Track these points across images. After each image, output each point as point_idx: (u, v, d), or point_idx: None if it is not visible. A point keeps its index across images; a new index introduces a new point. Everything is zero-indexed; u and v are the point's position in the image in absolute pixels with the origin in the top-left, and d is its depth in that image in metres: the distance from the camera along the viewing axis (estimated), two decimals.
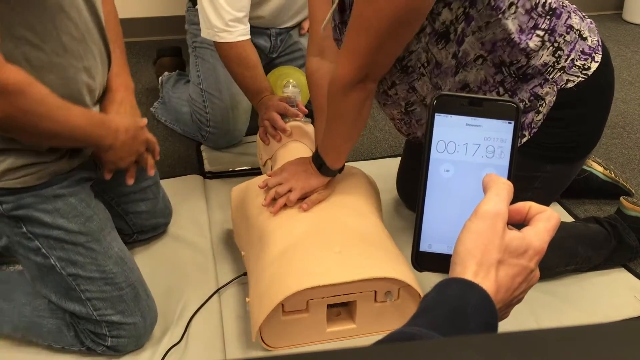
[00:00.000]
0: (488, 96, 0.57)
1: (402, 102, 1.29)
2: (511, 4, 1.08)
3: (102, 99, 1.26)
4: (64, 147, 1.16)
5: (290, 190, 1.31)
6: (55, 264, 1.16)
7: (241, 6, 1.70)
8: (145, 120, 1.29)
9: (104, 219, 1.22)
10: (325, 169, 1.30)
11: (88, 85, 1.17)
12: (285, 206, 1.32)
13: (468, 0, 1.06)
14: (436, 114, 0.58)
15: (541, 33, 1.12)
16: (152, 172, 1.32)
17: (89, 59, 1.15)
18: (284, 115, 1.61)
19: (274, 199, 1.33)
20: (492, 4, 1.06)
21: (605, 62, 1.21)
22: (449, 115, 0.58)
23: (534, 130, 1.20)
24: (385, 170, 1.82)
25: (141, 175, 1.44)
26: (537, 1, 1.10)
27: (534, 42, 1.12)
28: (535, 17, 1.11)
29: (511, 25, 1.09)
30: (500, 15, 1.08)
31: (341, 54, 1.11)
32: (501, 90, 1.19)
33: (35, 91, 1.01)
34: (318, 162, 1.30)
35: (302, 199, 1.32)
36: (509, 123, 0.58)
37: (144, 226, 1.52)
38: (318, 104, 1.32)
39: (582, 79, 1.17)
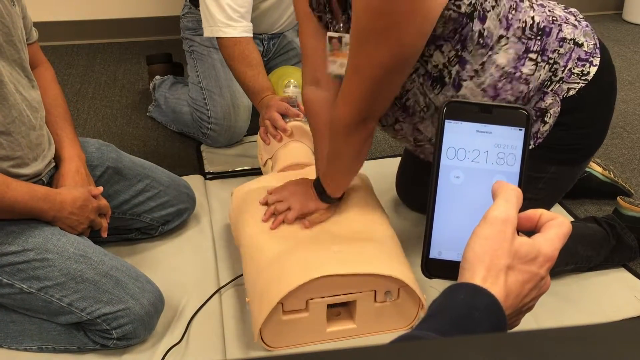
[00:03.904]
0: (498, 103, 0.57)
1: (410, 138, 1.31)
2: (500, 37, 1.09)
3: (58, 169, 1.34)
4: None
5: (288, 209, 1.33)
6: (22, 287, 1.18)
7: (243, 1, 1.71)
8: (100, 189, 1.34)
9: (49, 230, 1.22)
10: (326, 196, 1.32)
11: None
12: (283, 222, 1.33)
13: (459, 42, 1.07)
14: (446, 121, 0.58)
15: (533, 56, 1.13)
16: (104, 234, 1.36)
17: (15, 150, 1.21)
18: (285, 115, 1.61)
19: (273, 214, 1.34)
20: (482, 42, 1.08)
21: (605, 63, 1.21)
22: (459, 122, 0.58)
23: (539, 140, 1.21)
24: (385, 170, 1.82)
25: (129, 182, 1.47)
26: (524, 25, 1.11)
27: (527, 68, 1.13)
28: (526, 40, 1.11)
29: (502, 58, 1.10)
30: (490, 52, 1.09)
31: (340, 98, 1.14)
32: None
33: None
34: (319, 189, 1.32)
35: (299, 218, 1.33)
36: (520, 130, 0.58)
37: (165, 216, 1.54)
38: (316, 129, 1.35)
39: (583, 85, 1.17)
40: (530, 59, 1.13)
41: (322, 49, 1.25)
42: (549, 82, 1.16)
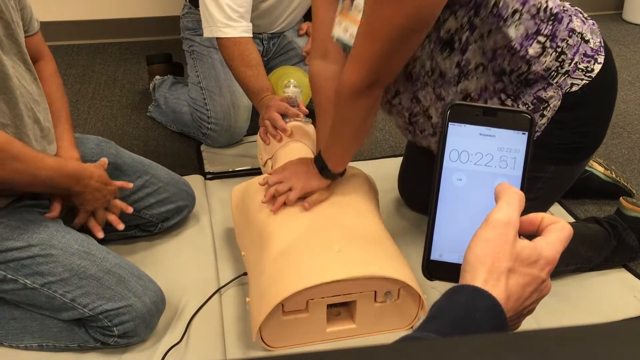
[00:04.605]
0: (502, 106, 0.56)
1: (405, 113, 1.29)
2: (515, 11, 1.07)
3: None
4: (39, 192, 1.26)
5: (290, 189, 1.32)
6: (26, 283, 1.18)
7: (242, 1, 1.71)
8: (105, 161, 1.38)
9: (54, 226, 1.23)
10: (327, 172, 1.30)
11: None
12: (284, 205, 1.32)
13: (473, 8, 1.06)
14: (450, 123, 0.58)
15: (542, 39, 1.12)
16: (130, 209, 1.40)
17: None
18: (285, 115, 1.61)
19: (274, 197, 1.33)
20: (495, 11, 1.06)
21: (608, 63, 1.21)
22: (463, 125, 0.58)
23: (538, 134, 1.20)
24: (385, 170, 1.82)
25: (129, 178, 1.47)
26: (539, 6, 1.10)
27: (533, 49, 1.12)
28: (538, 22, 1.10)
29: (513, 32, 1.09)
30: (501, 23, 1.08)
31: (349, 61, 1.12)
32: (503, 96, 1.18)
33: (15, 148, 1.12)
34: (320, 164, 1.31)
35: (301, 198, 1.32)
36: (523, 134, 0.58)
37: (165, 213, 1.55)
38: (320, 106, 1.33)
39: (587, 82, 1.17)
40: (539, 42, 1.11)
41: (334, 18, 1.23)
42: (555, 73, 1.15)
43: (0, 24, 1.16)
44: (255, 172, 1.83)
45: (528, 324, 1.45)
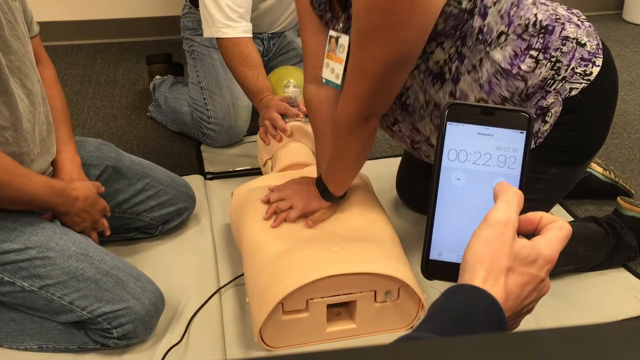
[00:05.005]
0: (500, 105, 0.57)
1: (407, 140, 1.31)
2: (501, 34, 1.09)
3: (52, 176, 1.34)
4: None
5: (291, 208, 1.33)
6: (24, 286, 1.18)
7: (242, 1, 1.71)
8: (102, 188, 1.37)
9: (51, 228, 1.23)
10: (328, 194, 1.32)
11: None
12: (284, 221, 1.34)
13: (459, 39, 1.07)
14: (448, 123, 0.58)
15: (535, 53, 1.12)
16: (108, 232, 1.39)
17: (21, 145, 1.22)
18: (285, 115, 1.61)
19: (275, 213, 1.35)
20: (480, 38, 1.08)
21: (607, 64, 1.20)
22: (461, 124, 0.58)
23: (540, 140, 1.21)
24: (385, 170, 1.82)
25: (129, 181, 1.47)
26: (527, 22, 1.10)
27: (526, 65, 1.12)
28: (528, 38, 1.11)
29: (499, 55, 1.10)
30: (487, 48, 1.09)
31: (343, 97, 1.15)
32: None
33: (4, 161, 1.12)
34: (321, 187, 1.33)
35: (301, 217, 1.34)
36: (521, 133, 0.58)
37: (165, 215, 1.54)
38: (317, 128, 1.35)
39: (586, 85, 1.17)
40: (531, 56, 1.12)
41: (323, 48, 1.26)
42: (552, 81, 1.16)
43: (5, 24, 1.16)
44: (255, 172, 1.83)
45: (528, 323, 1.45)
